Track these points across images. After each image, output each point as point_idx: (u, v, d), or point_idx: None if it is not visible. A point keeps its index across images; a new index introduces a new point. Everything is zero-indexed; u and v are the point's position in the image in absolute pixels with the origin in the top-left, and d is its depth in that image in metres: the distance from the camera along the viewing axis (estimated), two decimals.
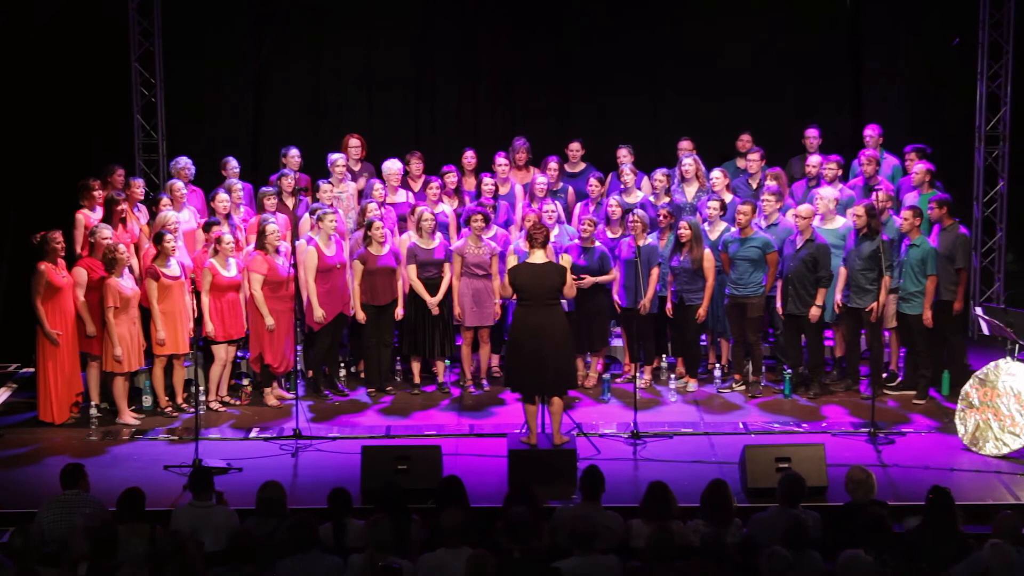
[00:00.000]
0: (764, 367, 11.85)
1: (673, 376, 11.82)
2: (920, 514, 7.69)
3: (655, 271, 11.55)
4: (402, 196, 12.41)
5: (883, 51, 14.04)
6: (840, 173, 12.31)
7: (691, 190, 12.49)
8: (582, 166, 12.98)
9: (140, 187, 12.32)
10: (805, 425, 10.84)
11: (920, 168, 12.04)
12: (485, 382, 11.94)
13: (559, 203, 12.19)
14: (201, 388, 10.96)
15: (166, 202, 11.77)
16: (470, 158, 12.92)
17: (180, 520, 7.92)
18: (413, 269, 11.58)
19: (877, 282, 11.14)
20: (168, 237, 11.05)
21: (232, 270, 11.28)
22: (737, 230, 11.48)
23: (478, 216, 11.49)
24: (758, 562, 6.92)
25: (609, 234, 11.88)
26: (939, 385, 11.51)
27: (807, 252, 11.27)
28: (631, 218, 11.56)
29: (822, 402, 11.42)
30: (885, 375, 11.78)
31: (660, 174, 12.35)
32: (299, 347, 11.56)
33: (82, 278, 10.89)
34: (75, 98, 13.24)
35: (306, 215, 11.94)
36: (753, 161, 12.67)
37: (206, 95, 13.97)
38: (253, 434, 10.78)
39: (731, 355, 11.85)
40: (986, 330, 11.10)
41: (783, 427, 10.78)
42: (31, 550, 7.19)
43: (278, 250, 11.29)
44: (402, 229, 12.01)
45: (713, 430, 10.74)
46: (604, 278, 11.58)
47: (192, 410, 10.59)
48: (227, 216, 11.65)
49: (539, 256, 9.74)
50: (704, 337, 12.16)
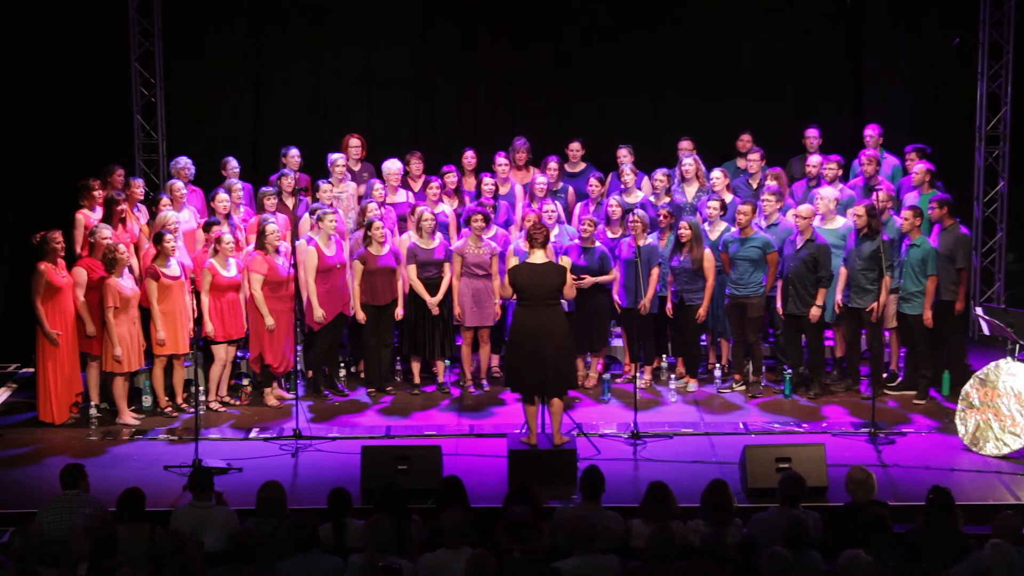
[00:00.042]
0: (764, 367, 11.84)
1: (673, 376, 11.81)
2: (920, 514, 7.69)
3: (655, 271, 11.54)
4: (402, 196, 12.41)
5: (883, 51, 14.03)
6: (840, 173, 12.30)
7: (691, 190, 12.48)
8: (582, 166, 12.97)
9: (140, 187, 12.33)
10: (805, 425, 10.83)
11: (920, 168, 12.03)
12: (485, 382, 11.93)
13: (559, 203, 12.18)
14: (201, 388, 10.95)
15: (166, 202, 11.77)
16: (470, 158, 12.92)
17: (180, 520, 7.91)
18: (413, 269, 11.57)
19: (877, 282, 11.13)
20: (168, 237, 11.04)
21: (232, 270, 11.27)
22: (737, 230, 11.47)
23: (478, 216, 11.48)
24: (758, 562, 6.91)
25: (609, 234, 11.87)
26: (939, 385, 11.51)
27: (807, 252, 11.26)
28: (631, 218, 11.55)
29: (822, 402, 11.41)
30: (885, 375, 11.77)
31: (660, 174, 12.34)
32: (299, 347, 11.55)
33: (82, 278, 10.89)
34: (75, 98, 13.23)
35: (306, 215, 11.93)
36: (753, 161, 12.67)
37: (206, 95, 13.96)
38: (253, 434, 10.77)
39: (731, 355, 11.85)
40: (986, 330, 11.09)
41: (783, 427, 10.78)
42: (31, 550, 7.18)
43: (278, 250, 11.28)
44: (402, 229, 12.00)
45: (713, 430, 10.73)
46: (604, 278, 11.57)
47: (192, 410, 10.58)
48: (227, 216, 11.64)
49: (539, 256, 9.73)
50: (704, 337, 12.15)
